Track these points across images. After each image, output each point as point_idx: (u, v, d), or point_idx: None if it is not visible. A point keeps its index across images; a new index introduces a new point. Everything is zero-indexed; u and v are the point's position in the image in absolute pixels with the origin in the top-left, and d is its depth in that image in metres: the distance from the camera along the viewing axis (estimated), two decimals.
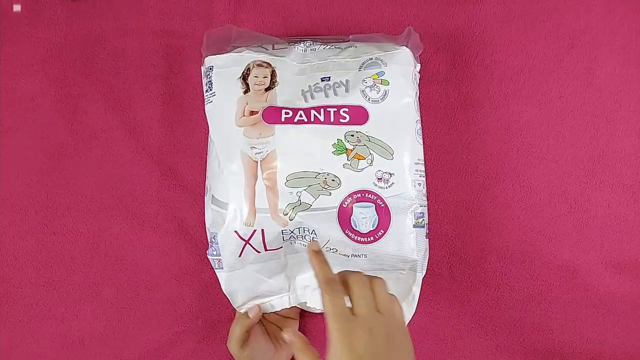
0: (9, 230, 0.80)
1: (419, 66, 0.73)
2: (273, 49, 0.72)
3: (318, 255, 0.60)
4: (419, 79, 0.73)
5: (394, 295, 0.58)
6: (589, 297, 0.81)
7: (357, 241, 0.67)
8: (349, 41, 0.74)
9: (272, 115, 0.67)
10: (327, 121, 0.66)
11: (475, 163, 0.81)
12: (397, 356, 0.54)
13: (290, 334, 0.59)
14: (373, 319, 0.54)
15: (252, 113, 0.67)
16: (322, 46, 0.72)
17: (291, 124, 0.66)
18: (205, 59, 0.71)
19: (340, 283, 0.57)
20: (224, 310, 0.79)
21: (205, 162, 0.74)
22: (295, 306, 0.74)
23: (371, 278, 0.57)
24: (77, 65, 0.81)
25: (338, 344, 0.52)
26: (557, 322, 0.81)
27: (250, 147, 0.66)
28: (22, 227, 0.80)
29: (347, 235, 0.67)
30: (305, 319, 0.79)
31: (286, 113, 0.67)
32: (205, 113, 0.70)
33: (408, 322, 0.71)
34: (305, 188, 0.66)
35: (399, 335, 0.56)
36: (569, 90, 0.81)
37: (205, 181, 0.73)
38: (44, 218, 0.80)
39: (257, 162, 0.66)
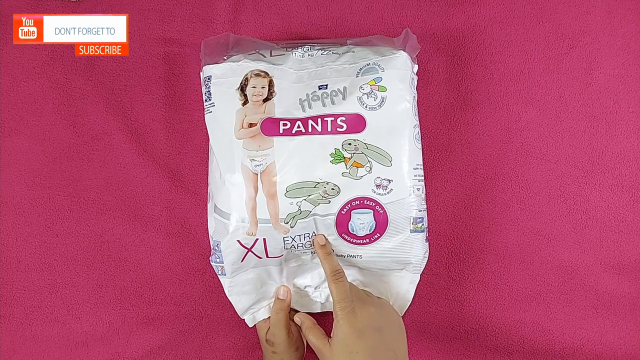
0: (11, 233, 0.80)
1: (416, 67, 0.73)
2: (270, 55, 0.72)
3: (324, 248, 0.69)
4: (417, 80, 0.73)
5: None
6: (588, 297, 0.81)
7: (353, 243, 0.68)
8: (347, 45, 0.74)
9: (270, 127, 0.67)
10: (324, 131, 0.66)
11: (475, 163, 0.82)
12: (391, 330, 0.66)
13: (300, 316, 0.71)
14: (369, 301, 0.67)
15: (250, 125, 0.67)
16: (320, 51, 0.72)
17: (289, 135, 0.67)
18: (204, 68, 0.71)
19: (344, 273, 0.67)
20: (228, 309, 0.80)
21: (207, 162, 0.75)
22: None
23: None
24: (78, 67, 0.81)
25: (342, 320, 0.63)
26: (556, 323, 0.81)
27: (250, 160, 0.66)
28: (25, 230, 0.80)
29: (343, 238, 0.68)
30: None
31: (284, 124, 0.67)
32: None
33: (403, 314, 0.73)
34: (305, 198, 0.66)
35: (391, 314, 0.68)
36: (569, 91, 0.81)
37: (207, 184, 0.73)
38: (46, 220, 0.81)
39: (257, 174, 0.66)
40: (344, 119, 0.67)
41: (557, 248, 0.81)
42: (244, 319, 0.74)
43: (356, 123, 0.67)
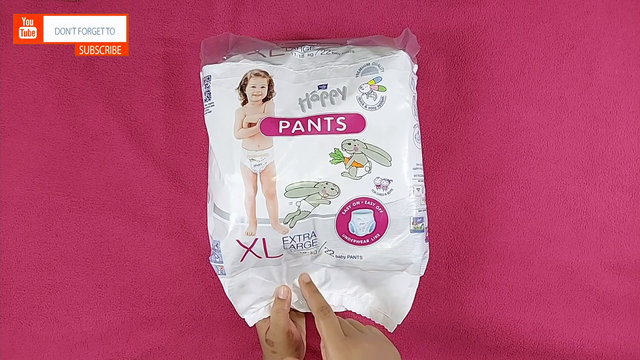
0: (11, 233, 0.80)
1: (416, 67, 0.73)
2: (270, 55, 0.72)
3: (309, 286, 0.69)
4: (417, 80, 0.73)
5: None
6: (588, 297, 0.81)
7: (353, 243, 0.68)
8: (346, 45, 0.74)
9: (270, 127, 0.67)
10: (324, 131, 0.66)
11: (475, 163, 0.81)
12: None
13: None
14: (361, 336, 0.63)
15: (250, 125, 0.67)
16: (320, 51, 0.72)
17: (289, 135, 0.66)
18: (203, 67, 0.71)
19: (331, 309, 0.65)
20: (228, 309, 0.80)
21: (207, 162, 0.75)
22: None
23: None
24: (78, 67, 0.81)
25: None
26: (556, 323, 0.81)
27: (249, 159, 0.66)
28: (24, 230, 0.80)
29: (343, 238, 0.68)
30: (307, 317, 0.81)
31: (284, 124, 0.67)
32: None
33: (402, 320, 0.72)
34: (304, 198, 0.66)
35: (385, 345, 0.64)
36: (569, 91, 0.81)
37: (207, 184, 0.73)
38: (45, 220, 0.81)
39: (256, 174, 0.66)
40: (343, 118, 0.67)
41: (557, 248, 0.81)
42: (243, 319, 0.74)
43: (356, 123, 0.67)
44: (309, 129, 0.67)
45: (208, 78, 0.70)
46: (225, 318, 0.81)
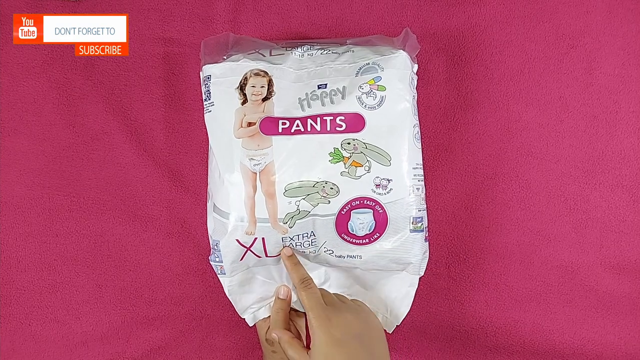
0: (11, 233, 0.80)
1: (416, 67, 0.73)
2: (270, 54, 0.72)
3: (291, 259, 0.69)
4: (417, 80, 0.73)
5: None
6: (588, 297, 0.81)
7: (352, 243, 0.68)
8: (346, 44, 0.74)
9: (269, 126, 0.67)
10: (323, 130, 0.66)
11: (475, 163, 0.81)
12: (370, 335, 0.64)
13: (276, 331, 0.67)
14: (344, 306, 0.65)
15: (250, 124, 0.67)
16: (320, 51, 0.72)
17: (288, 134, 0.67)
18: (203, 67, 0.71)
19: (312, 281, 0.67)
20: (228, 309, 0.80)
21: (207, 162, 0.75)
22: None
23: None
24: (78, 67, 0.81)
25: (318, 330, 0.61)
26: (556, 323, 0.81)
27: (249, 159, 0.67)
28: (24, 230, 0.80)
29: (342, 238, 0.68)
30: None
31: (283, 124, 0.67)
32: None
33: (401, 320, 0.72)
34: (303, 197, 0.66)
35: (369, 317, 0.66)
36: (569, 91, 0.81)
37: (207, 184, 0.73)
38: (46, 220, 0.81)
39: (256, 173, 0.66)
40: (343, 118, 0.67)
41: (557, 248, 0.81)
42: (244, 319, 0.74)
43: (355, 122, 0.67)
44: (309, 129, 0.67)
45: (208, 78, 0.70)
46: (225, 318, 0.81)
